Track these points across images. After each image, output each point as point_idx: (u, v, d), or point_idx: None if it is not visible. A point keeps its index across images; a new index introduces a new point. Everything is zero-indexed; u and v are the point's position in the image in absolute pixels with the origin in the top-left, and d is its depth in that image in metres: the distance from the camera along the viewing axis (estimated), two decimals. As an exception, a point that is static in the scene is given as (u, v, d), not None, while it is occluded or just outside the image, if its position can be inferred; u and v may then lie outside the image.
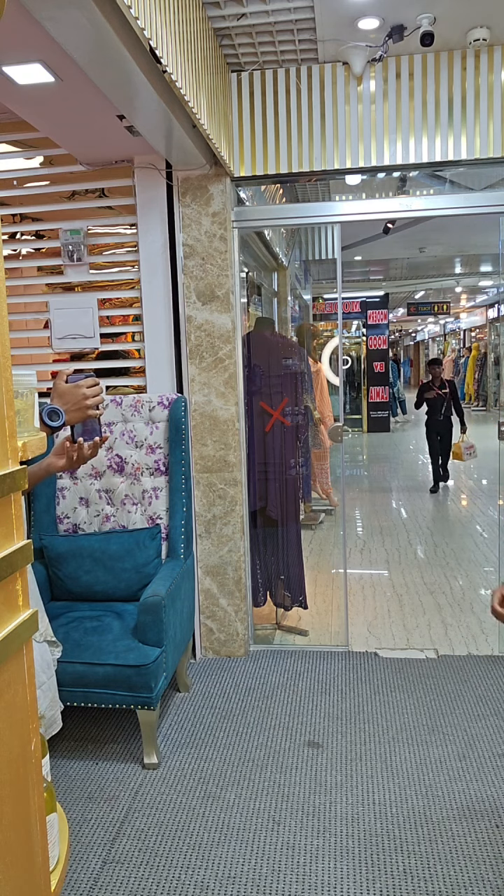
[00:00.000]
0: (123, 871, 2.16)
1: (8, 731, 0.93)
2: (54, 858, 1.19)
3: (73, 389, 1.53)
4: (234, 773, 2.64)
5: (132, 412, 3.29)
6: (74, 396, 1.52)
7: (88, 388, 1.54)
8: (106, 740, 2.91)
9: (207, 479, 3.52)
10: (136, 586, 3.02)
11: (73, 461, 1.54)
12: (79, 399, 1.52)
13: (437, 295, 15.58)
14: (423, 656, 3.56)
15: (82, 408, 1.52)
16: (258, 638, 3.84)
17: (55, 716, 1.75)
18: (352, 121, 3.29)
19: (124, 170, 3.41)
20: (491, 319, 16.22)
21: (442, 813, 2.37)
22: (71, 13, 1.83)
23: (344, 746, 2.78)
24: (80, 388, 1.53)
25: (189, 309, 3.42)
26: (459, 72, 3.19)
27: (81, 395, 1.52)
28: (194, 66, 2.55)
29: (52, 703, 1.73)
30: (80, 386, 1.53)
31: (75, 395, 1.52)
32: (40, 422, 1.41)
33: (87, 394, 1.53)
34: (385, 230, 6.19)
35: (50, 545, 3.09)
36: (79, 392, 1.52)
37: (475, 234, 7.86)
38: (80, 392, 1.52)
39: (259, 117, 3.34)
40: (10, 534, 0.95)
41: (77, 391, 1.52)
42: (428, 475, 8.29)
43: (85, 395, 1.53)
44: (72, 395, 1.52)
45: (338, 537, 5.70)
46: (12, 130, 3.39)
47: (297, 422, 3.92)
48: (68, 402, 1.51)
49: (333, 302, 10.39)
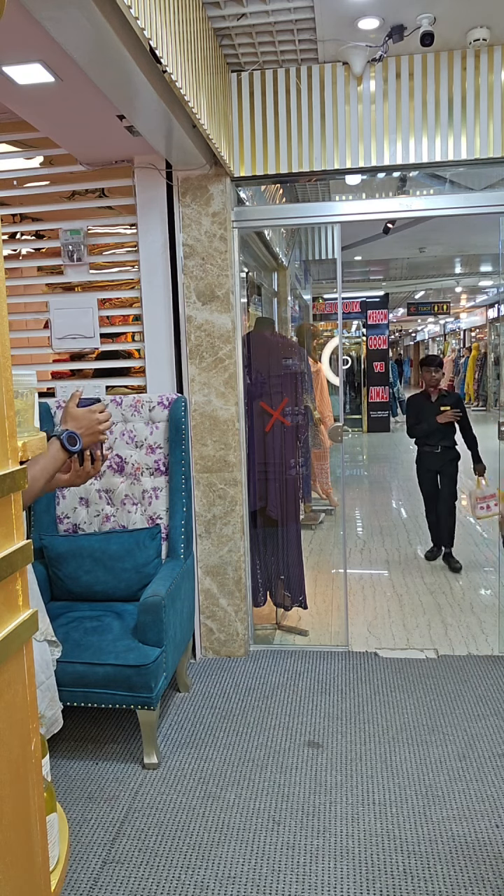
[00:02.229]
0: (123, 871, 2.16)
1: (8, 731, 0.93)
2: (54, 858, 1.19)
3: (88, 414, 1.57)
4: (234, 773, 2.64)
5: (132, 412, 3.29)
6: (89, 421, 1.56)
7: (100, 413, 1.59)
8: (106, 740, 2.91)
9: (207, 479, 3.52)
10: (136, 586, 3.02)
11: (78, 478, 1.59)
12: (92, 424, 1.56)
13: (437, 295, 15.58)
14: (423, 656, 3.56)
15: (95, 433, 1.57)
16: (258, 638, 3.84)
17: (56, 715, 1.75)
18: (352, 121, 3.29)
19: (124, 170, 3.41)
20: (491, 319, 16.22)
21: (442, 813, 2.37)
22: (71, 13, 1.83)
23: (344, 746, 2.78)
24: (94, 413, 1.57)
25: (189, 309, 3.42)
26: (459, 72, 3.19)
27: (95, 419, 1.57)
28: (194, 66, 2.54)
29: (52, 703, 1.73)
30: (94, 411, 1.58)
31: (90, 420, 1.56)
32: (60, 447, 1.47)
33: (100, 419, 1.58)
34: (385, 230, 6.19)
35: (50, 545, 3.09)
36: (93, 417, 1.57)
37: (475, 234, 7.86)
38: (94, 417, 1.57)
39: (259, 117, 3.34)
40: (10, 534, 0.95)
41: (91, 416, 1.57)
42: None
43: (98, 420, 1.57)
44: (87, 419, 1.56)
45: (338, 537, 5.70)
46: (12, 130, 3.39)
47: (297, 422, 3.92)
48: (83, 426, 1.55)
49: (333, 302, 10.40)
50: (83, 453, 1.56)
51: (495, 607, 4.12)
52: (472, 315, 18.44)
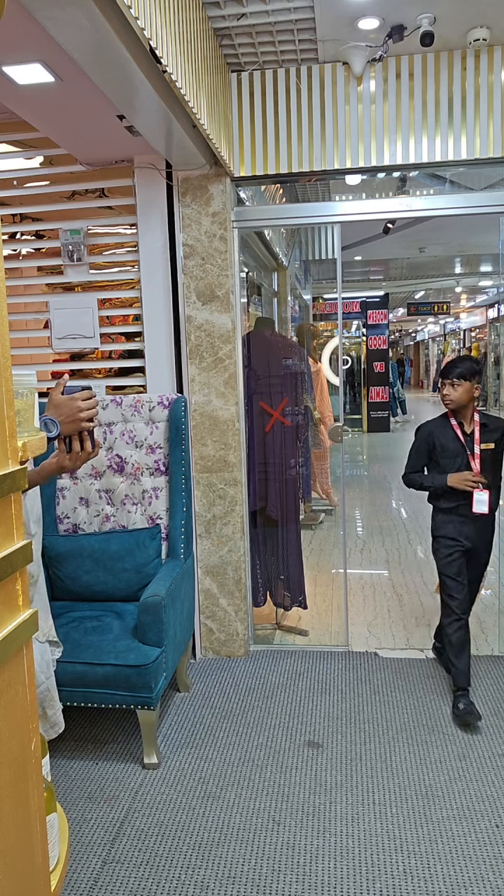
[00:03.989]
0: (123, 871, 2.16)
1: (8, 731, 0.93)
2: (54, 858, 1.19)
3: (69, 402, 1.53)
4: (234, 773, 2.64)
5: (132, 412, 3.29)
6: (70, 408, 1.53)
7: (84, 400, 1.54)
8: (106, 740, 2.91)
9: (207, 479, 3.52)
10: (136, 586, 3.02)
11: (69, 461, 1.56)
12: (73, 411, 1.53)
13: (437, 295, 15.58)
14: (423, 656, 3.55)
15: (77, 420, 1.53)
16: (258, 638, 3.84)
17: (56, 716, 1.75)
18: (352, 121, 3.29)
19: (124, 170, 3.41)
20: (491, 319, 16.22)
21: (442, 813, 2.37)
22: (71, 13, 1.83)
23: (344, 746, 2.78)
24: (76, 401, 1.53)
25: (189, 309, 3.42)
26: (459, 72, 3.19)
27: (76, 407, 1.53)
28: (194, 66, 2.54)
29: (52, 703, 1.73)
30: (76, 398, 1.54)
31: (70, 408, 1.53)
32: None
33: (82, 406, 1.53)
34: (385, 230, 6.19)
35: (50, 545, 3.09)
36: (74, 404, 1.53)
37: (475, 234, 7.86)
38: (76, 404, 1.53)
39: (259, 117, 3.34)
40: (9, 534, 0.95)
41: (72, 403, 1.53)
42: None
43: (80, 407, 1.53)
44: (67, 406, 1.53)
45: (338, 537, 5.70)
46: (12, 130, 3.39)
47: (297, 422, 3.92)
48: (63, 413, 1.52)
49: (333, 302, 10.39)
50: (70, 440, 1.54)
51: (495, 607, 4.12)
52: (472, 315, 18.45)
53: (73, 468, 1.57)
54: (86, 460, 1.58)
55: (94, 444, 1.58)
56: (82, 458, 1.57)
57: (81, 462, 1.57)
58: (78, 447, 1.55)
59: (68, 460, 1.55)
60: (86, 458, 1.57)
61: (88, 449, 1.57)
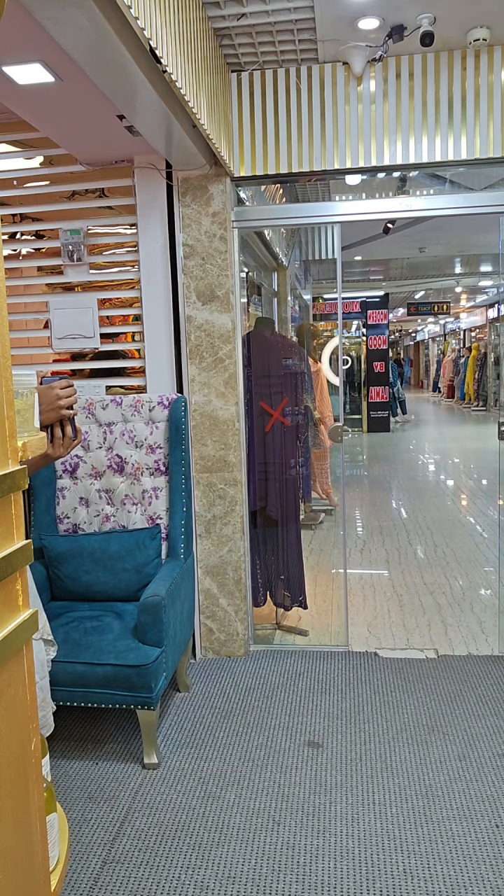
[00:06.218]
0: (123, 871, 2.16)
1: (8, 731, 0.93)
2: (54, 858, 1.19)
3: (47, 391, 1.57)
4: (234, 773, 2.64)
5: (132, 412, 3.29)
6: (48, 397, 1.56)
7: (62, 388, 1.58)
8: (106, 740, 2.91)
9: (207, 479, 3.52)
10: (136, 586, 3.02)
11: (54, 449, 1.59)
12: (52, 400, 1.56)
13: (437, 295, 15.60)
14: (423, 656, 3.56)
15: (56, 408, 1.56)
16: (258, 638, 3.84)
17: (46, 717, 1.74)
18: (352, 121, 3.29)
19: (124, 170, 3.41)
20: (491, 319, 16.23)
21: (442, 813, 2.37)
22: (71, 13, 1.83)
23: (344, 746, 2.78)
24: (54, 389, 1.57)
25: (189, 309, 3.42)
26: (459, 72, 3.19)
27: (55, 395, 1.56)
28: (194, 66, 2.55)
29: (44, 704, 1.72)
30: (54, 387, 1.57)
31: (48, 396, 1.56)
32: None
33: (61, 395, 1.57)
34: (385, 230, 6.19)
35: (50, 545, 3.09)
36: (52, 393, 1.56)
37: (475, 234, 7.87)
38: (54, 393, 1.57)
39: (259, 117, 3.34)
40: (9, 534, 0.95)
41: (50, 392, 1.57)
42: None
43: (58, 395, 1.57)
44: (45, 395, 1.56)
45: (338, 537, 5.70)
46: (12, 130, 3.39)
47: (297, 422, 3.92)
48: (42, 402, 1.55)
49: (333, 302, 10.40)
50: (52, 428, 1.57)
51: (495, 607, 4.12)
52: (472, 315, 18.45)
53: (56, 456, 1.60)
54: (69, 446, 1.61)
55: (75, 431, 1.62)
56: (66, 444, 1.60)
57: (65, 449, 1.60)
58: (59, 433, 1.59)
59: (51, 448, 1.58)
60: (69, 444, 1.60)
61: (70, 434, 1.60)
